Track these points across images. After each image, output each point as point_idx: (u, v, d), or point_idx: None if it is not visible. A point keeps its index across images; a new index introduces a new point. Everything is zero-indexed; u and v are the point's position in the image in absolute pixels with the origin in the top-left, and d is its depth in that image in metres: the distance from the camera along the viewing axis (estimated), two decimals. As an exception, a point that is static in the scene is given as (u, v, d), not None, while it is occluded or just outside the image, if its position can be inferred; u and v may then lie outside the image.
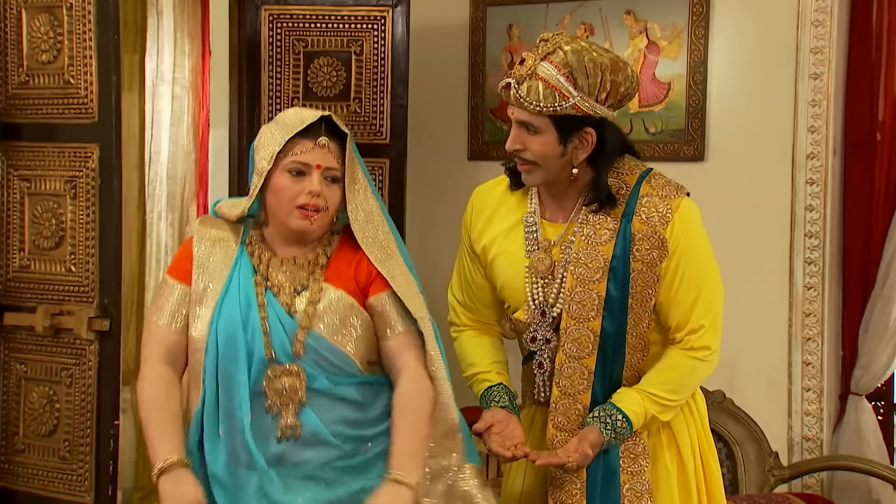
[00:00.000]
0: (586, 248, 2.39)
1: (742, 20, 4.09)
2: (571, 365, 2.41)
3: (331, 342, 2.36)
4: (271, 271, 2.40)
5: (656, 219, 2.37)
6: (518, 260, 2.46)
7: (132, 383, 4.77)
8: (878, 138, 3.94)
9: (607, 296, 2.38)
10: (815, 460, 3.88)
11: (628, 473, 2.44)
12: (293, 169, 2.35)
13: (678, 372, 2.43)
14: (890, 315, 3.88)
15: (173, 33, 4.96)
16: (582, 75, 2.30)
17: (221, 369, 2.33)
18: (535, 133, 2.34)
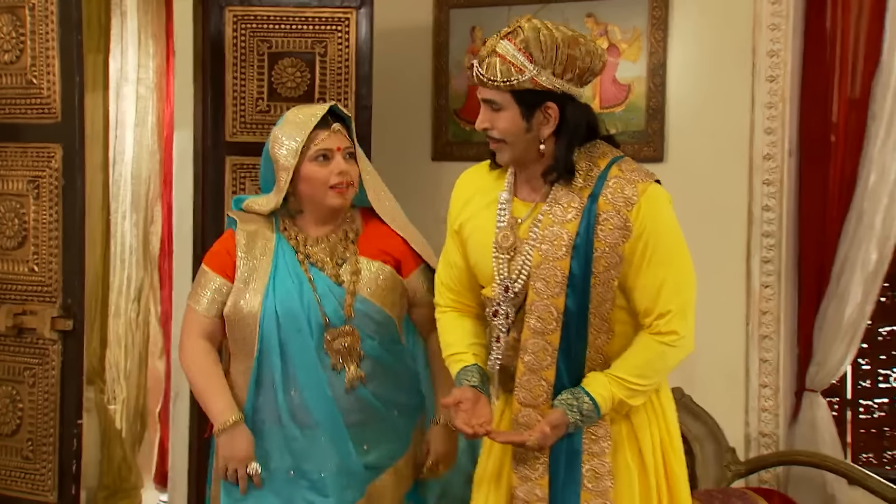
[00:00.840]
0: (552, 225, 2.44)
1: (700, 24, 4.11)
2: (536, 341, 2.44)
3: (375, 304, 2.75)
4: (310, 249, 2.77)
5: (622, 201, 2.41)
6: (488, 236, 2.52)
7: (96, 383, 4.74)
8: (832, 140, 3.96)
9: (570, 273, 2.41)
10: (772, 456, 3.90)
11: (589, 454, 2.46)
12: (319, 156, 2.72)
13: (646, 356, 2.45)
14: (844, 313, 3.91)
15: (137, 34, 4.92)
16: (537, 49, 2.37)
17: (284, 338, 2.69)
18: (500, 110, 2.41)
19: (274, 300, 2.70)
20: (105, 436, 4.82)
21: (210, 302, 2.78)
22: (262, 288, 2.72)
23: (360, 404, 2.76)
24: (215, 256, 2.82)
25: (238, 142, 4.10)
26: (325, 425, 2.72)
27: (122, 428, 4.99)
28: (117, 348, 5.01)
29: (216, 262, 2.81)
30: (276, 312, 2.70)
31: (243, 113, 4.12)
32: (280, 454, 2.73)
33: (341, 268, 2.77)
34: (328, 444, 2.72)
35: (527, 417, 2.47)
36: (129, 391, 5.05)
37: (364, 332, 2.76)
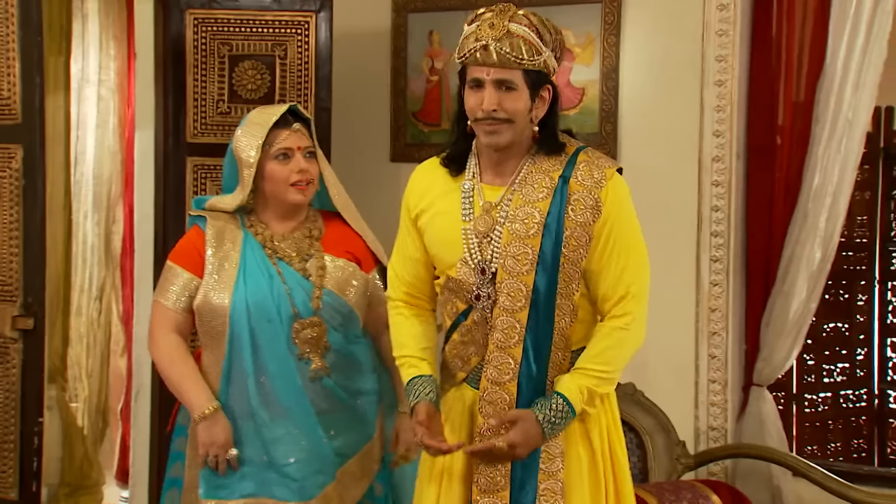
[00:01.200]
0: (523, 205, 2.47)
1: (651, 29, 4.15)
2: (504, 318, 2.47)
3: (341, 297, 2.85)
4: (277, 245, 2.86)
5: (591, 182, 2.47)
6: (454, 221, 2.53)
7: (58, 381, 4.72)
8: (778, 142, 4.01)
9: (541, 251, 2.45)
10: (720, 449, 3.95)
11: (545, 473, 2.48)
12: (280, 154, 2.82)
13: (605, 343, 2.49)
14: (789, 310, 3.95)
15: (99, 36, 4.91)
16: (545, 32, 2.43)
17: (254, 329, 2.76)
18: (511, 90, 2.42)
19: (245, 292, 2.78)
20: (67, 433, 4.80)
21: (178, 297, 2.83)
22: (232, 280, 2.79)
23: (326, 393, 2.84)
24: (182, 253, 2.87)
25: (199, 143, 4.10)
26: (295, 413, 2.80)
27: (83, 425, 4.97)
28: (79, 346, 5.00)
29: (183, 258, 2.86)
30: (246, 303, 2.77)
31: (204, 114, 4.13)
32: (252, 442, 2.79)
33: (307, 263, 2.87)
34: (298, 431, 2.80)
35: (493, 395, 2.48)
36: (90, 389, 5.04)
37: (330, 325, 2.86)
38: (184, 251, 2.87)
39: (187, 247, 2.87)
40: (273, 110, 2.88)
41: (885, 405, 5.05)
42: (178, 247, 2.91)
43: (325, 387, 2.84)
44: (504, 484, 2.47)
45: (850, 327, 4.99)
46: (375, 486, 2.98)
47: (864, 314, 5.03)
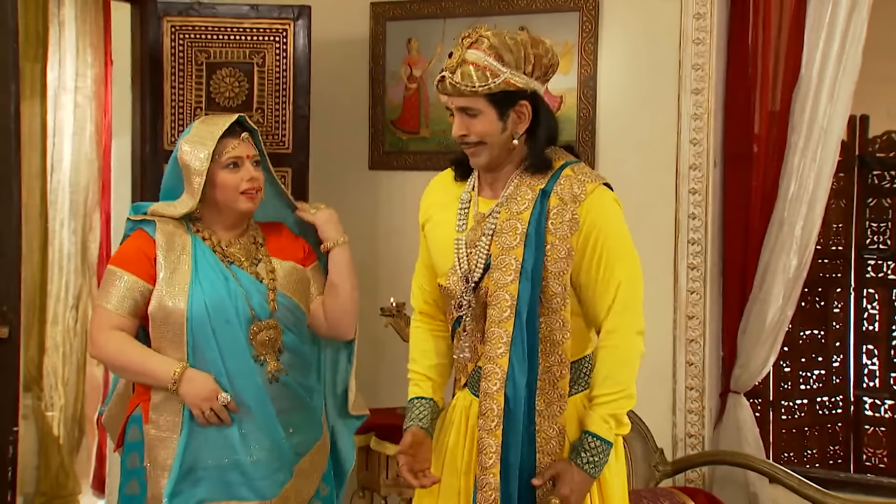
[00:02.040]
0: (509, 218, 2.54)
1: (629, 38, 4.17)
2: (493, 330, 2.52)
3: (294, 299, 2.89)
4: (227, 249, 2.87)
5: (569, 197, 2.51)
6: (449, 231, 2.62)
7: (34, 389, 4.68)
8: (754, 150, 4.03)
9: (523, 260, 2.49)
10: (697, 456, 3.96)
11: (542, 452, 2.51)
12: (230, 163, 2.83)
13: (608, 366, 2.52)
14: (766, 317, 3.97)
15: (75, 43, 4.87)
16: (507, 52, 2.46)
17: (215, 331, 2.76)
18: (476, 115, 2.50)
19: (202, 294, 2.77)
20: (43, 442, 4.76)
21: (121, 299, 2.80)
22: (187, 284, 2.78)
23: (285, 392, 2.86)
24: (127, 256, 2.84)
25: (176, 150, 4.07)
26: (257, 412, 2.80)
27: (59, 434, 4.93)
28: (55, 355, 4.95)
29: (128, 261, 2.83)
30: (205, 305, 2.76)
31: (181, 122, 4.11)
32: (214, 443, 2.77)
33: (257, 266, 2.89)
34: (260, 430, 2.80)
35: (484, 406, 2.52)
36: (66, 398, 4.99)
37: (285, 326, 2.88)
38: (129, 256, 2.84)
39: (133, 252, 2.84)
40: (221, 120, 2.89)
41: (861, 412, 5.07)
42: (122, 252, 2.88)
43: (284, 384, 2.85)
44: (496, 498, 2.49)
45: (826, 334, 5.00)
46: (322, 486, 3.00)
47: (840, 321, 5.05)
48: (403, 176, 4.61)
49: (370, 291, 4.10)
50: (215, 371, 2.78)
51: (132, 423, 2.87)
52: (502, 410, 2.49)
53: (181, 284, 2.78)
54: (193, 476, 2.76)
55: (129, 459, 2.87)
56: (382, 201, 4.64)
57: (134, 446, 2.85)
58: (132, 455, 2.86)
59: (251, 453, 2.78)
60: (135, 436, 2.85)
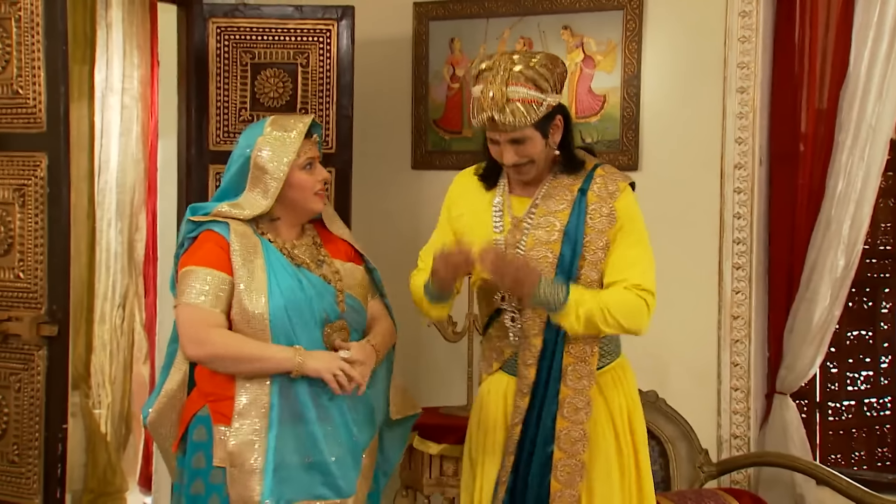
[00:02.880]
0: (546, 215, 2.79)
1: (673, 36, 4.14)
2: (527, 312, 2.77)
3: (358, 300, 2.92)
4: (293, 252, 2.88)
5: (607, 194, 2.79)
6: (486, 233, 2.82)
7: (82, 388, 4.74)
8: (801, 149, 4.00)
9: (560, 254, 2.75)
10: (743, 457, 3.94)
11: (568, 420, 2.75)
12: (307, 164, 2.86)
13: (623, 298, 2.72)
14: (812, 317, 3.94)
15: (122, 45, 4.93)
16: (542, 80, 2.70)
17: (296, 332, 2.77)
18: (525, 142, 2.73)
19: (280, 296, 2.77)
20: (90, 440, 4.81)
21: (215, 297, 2.75)
22: (264, 286, 2.77)
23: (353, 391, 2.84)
24: (208, 254, 2.79)
25: (221, 151, 4.10)
26: (334, 412, 2.81)
27: (106, 432, 4.98)
28: (102, 354, 5.01)
29: (211, 259, 2.78)
30: (284, 307, 2.76)
31: (226, 122, 4.14)
32: (300, 443, 2.77)
33: (322, 268, 2.90)
34: (337, 430, 2.81)
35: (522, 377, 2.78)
36: (113, 396, 5.05)
37: (352, 327, 2.89)
38: (209, 255, 2.79)
39: (211, 250, 2.79)
40: (299, 124, 2.87)
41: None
42: (197, 252, 2.81)
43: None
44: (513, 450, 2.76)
45: (874, 335, 4.95)
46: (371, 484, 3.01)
47: (889, 322, 4.99)
48: (446, 175, 4.53)
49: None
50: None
51: (198, 423, 2.82)
52: (533, 381, 2.76)
53: (259, 287, 2.76)
54: (279, 476, 2.75)
55: (195, 460, 2.82)
56: (425, 201, 4.64)
57: (200, 446, 2.81)
58: (198, 455, 2.82)
59: (332, 452, 2.79)
60: (201, 436, 2.81)
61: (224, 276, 2.76)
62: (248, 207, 2.84)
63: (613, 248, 2.76)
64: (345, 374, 2.75)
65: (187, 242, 2.86)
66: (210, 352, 2.76)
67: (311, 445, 2.78)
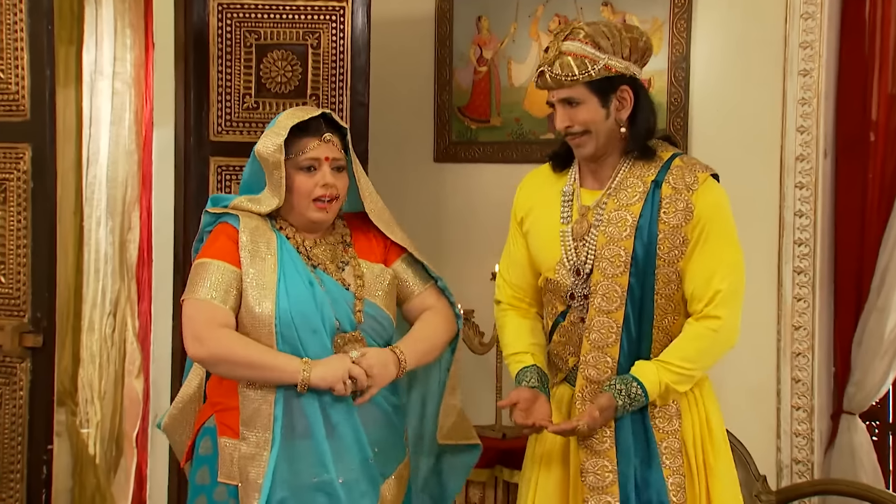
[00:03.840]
0: (617, 209, 2.81)
1: (727, 13, 4.13)
2: (601, 319, 2.80)
3: (382, 309, 2.89)
4: (311, 251, 2.89)
5: (683, 186, 2.79)
6: (553, 224, 2.89)
7: (68, 404, 4.73)
8: (871, 139, 4.00)
9: (633, 253, 2.77)
10: (806, 484, 3.90)
11: (663, 432, 2.81)
12: (306, 165, 2.84)
13: (695, 343, 2.79)
14: (885, 328, 3.93)
15: (113, 24, 4.92)
16: (603, 38, 2.74)
17: (303, 340, 2.76)
18: (578, 105, 2.77)
19: (287, 301, 2.77)
20: (77, 462, 4.82)
21: (226, 293, 2.77)
22: (273, 289, 2.78)
23: (370, 407, 2.85)
24: (222, 248, 2.82)
25: (223, 141, 4.11)
26: (345, 428, 2.80)
27: (95, 453, 4.99)
28: (91, 366, 5.01)
29: (223, 253, 2.81)
30: (290, 313, 2.77)
31: (229, 110, 4.14)
32: (305, 459, 2.78)
33: (343, 271, 2.90)
34: (347, 449, 2.80)
35: (591, 393, 2.80)
36: (103, 413, 5.05)
37: (370, 338, 2.88)
38: (223, 248, 2.82)
39: (225, 243, 2.83)
40: (302, 112, 2.90)
41: None
42: (212, 245, 2.85)
43: (373, 401, 2.85)
44: (613, 480, 2.77)
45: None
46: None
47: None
48: (472, 169, 4.60)
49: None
50: None
51: (204, 434, 2.87)
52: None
53: (268, 287, 2.78)
54: (278, 495, 2.76)
55: (200, 475, 2.86)
56: (449, 197, 4.63)
57: (205, 460, 2.85)
58: (202, 470, 2.86)
59: (340, 474, 2.78)
60: (207, 449, 2.85)
61: (237, 271, 2.79)
62: (264, 203, 2.88)
63: (694, 251, 2.78)
64: (355, 379, 2.75)
65: (205, 235, 2.92)
66: (211, 351, 2.77)
67: (317, 464, 2.77)
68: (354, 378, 2.75)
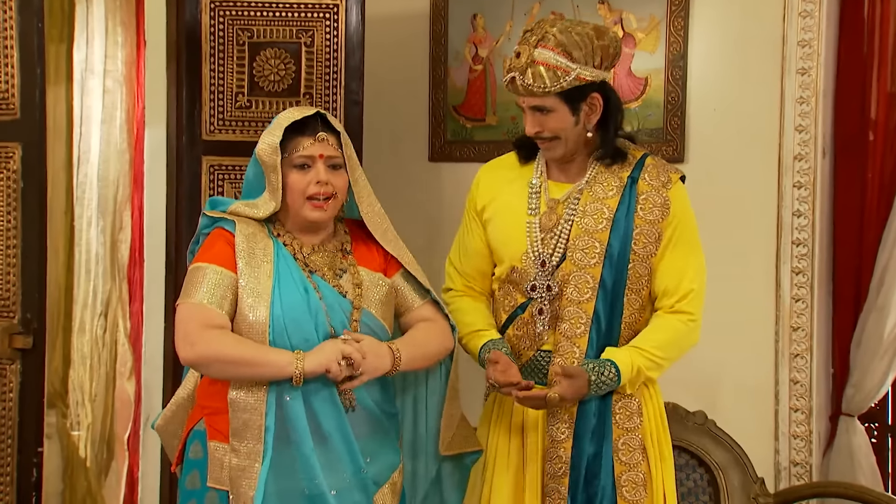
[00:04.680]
0: (593, 201, 2.90)
1: (724, 11, 4.13)
2: (571, 309, 2.89)
3: (378, 319, 2.88)
4: (309, 257, 2.88)
5: (659, 183, 2.90)
6: (518, 215, 2.95)
7: (58, 406, 4.72)
8: (870, 138, 4.00)
9: (608, 245, 2.87)
10: (804, 487, 3.90)
11: (622, 428, 2.91)
12: (299, 164, 2.84)
13: (667, 333, 2.91)
14: (884, 328, 3.93)
15: (104, 21, 4.91)
16: (575, 48, 2.79)
17: (293, 348, 2.74)
18: (549, 112, 2.84)
19: (281, 308, 2.76)
20: (68, 465, 4.81)
21: (221, 298, 2.76)
22: (268, 296, 2.77)
23: (363, 416, 2.85)
24: (217, 253, 2.81)
25: (216, 140, 4.10)
26: (337, 438, 2.79)
27: (86, 456, 4.98)
28: (82, 368, 5.00)
29: (219, 258, 2.80)
30: (283, 321, 2.75)
31: (221, 109, 4.13)
32: (296, 471, 2.76)
33: (341, 279, 2.89)
34: (339, 459, 2.79)
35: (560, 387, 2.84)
36: (94, 415, 5.04)
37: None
38: (220, 253, 2.81)
39: (221, 248, 2.82)
40: (296, 111, 2.90)
41: None
42: (208, 250, 2.84)
43: (365, 408, 2.84)
44: (565, 471, 2.87)
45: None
46: None
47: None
48: (467, 168, 4.58)
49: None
50: (292, 393, 2.75)
51: (194, 438, 2.85)
52: None
53: (263, 295, 2.76)
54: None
55: (189, 479, 2.85)
56: (444, 197, 4.63)
57: (195, 464, 2.83)
58: (192, 474, 2.84)
59: (332, 484, 2.76)
60: (197, 452, 2.84)
61: (233, 276, 2.78)
62: (262, 207, 2.88)
63: (667, 249, 2.89)
64: (350, 361, 2.73)
65: (201, 238, 2.92)
66: (201, 353, 2.74)
67: (307, 474, 2.75)
68: (348, 358, 2.72)
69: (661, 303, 2.93)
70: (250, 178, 2.94)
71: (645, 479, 2.90)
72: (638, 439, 2.91)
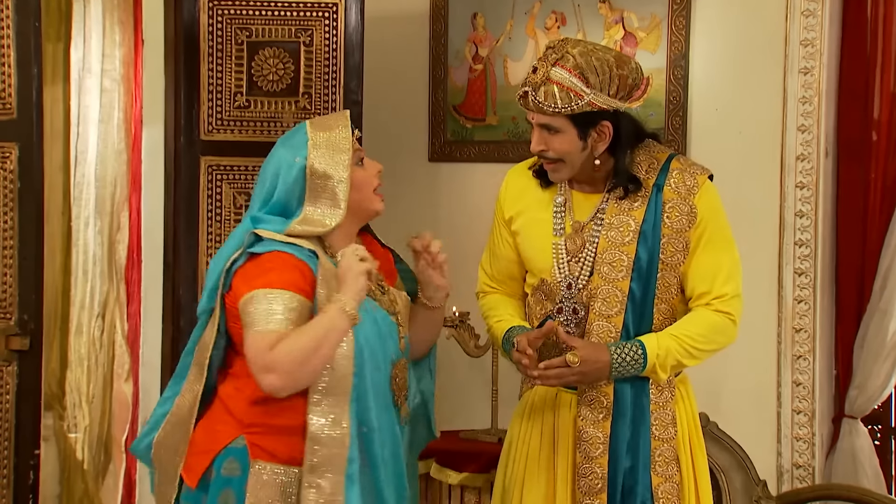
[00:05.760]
0: (618, 214, 2.84)
1: (726, 10, 4.13)
2: (600, 323, 2.83)
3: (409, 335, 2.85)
4: None
5: (685, 189, 2.83)
6: (545, 234, 2.92)
7: (55, 408, 4.72)
8: (873, 138, 4.00)
9: (636, 257, 2.81)
10: (807, 489, 3.91)
11: (658, 439, 2.85)
12: (358, 159, 2.79)
13: (707, 324, 2.83)
14: (887, 330, 3.94)
15: (102, 20, 4.91)
16: (592, 74, 2.72)
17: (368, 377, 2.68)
18: (556, 133, 2.78)
19: (361, 338, 2.66)
20: (65, 467, 4.81)
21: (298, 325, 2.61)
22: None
23: (407, 441, 2.85)
24: (294, 279, 2.65)
25: (214, 140, 4.11)
26: (391, 465, 2.76)
27: (83, 458, 4.98)
28: (79, 370, 5.00)
29: (297, 284, 2.64)
30: (363, 353, 2.66)
31: (220, 108, 4.14)
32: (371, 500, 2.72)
33: (384, 297, 2.81)
34: (391, 484, 2.75)
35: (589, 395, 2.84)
36: (91, 418, 5.04)
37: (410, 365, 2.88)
38: (296, 279, 2.64)
39: (294, 273, 2.65)
40: (340, 118, 2.83)
41: None
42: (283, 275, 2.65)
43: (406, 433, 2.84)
44: (602, 486, 2.80)
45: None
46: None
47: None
48: (467, 168, 4.60)
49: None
50: (367, 426, 2.68)
51: (229, 455, 2.70)
52: (611, 400, 2.82)
53: None
54: None
55: (222, 497, 2.70)
56: (444, 197, 4.63)
57: (229, 482, 2.69)
58: (225, 492, 2.69)
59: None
60: (232, 471, 2.69)
61: (310, 304, 2.63)
62: (318, 223, 2.74)
63: (695, 252, 2.83)
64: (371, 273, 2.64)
65: (246, 256, 2.71)
66: (281, 370, 2.56)
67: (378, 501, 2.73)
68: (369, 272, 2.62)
69: (694, 304, 2.88)
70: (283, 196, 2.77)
71: (678, 488, 2.87)
72: (672, 450, 2.87)
